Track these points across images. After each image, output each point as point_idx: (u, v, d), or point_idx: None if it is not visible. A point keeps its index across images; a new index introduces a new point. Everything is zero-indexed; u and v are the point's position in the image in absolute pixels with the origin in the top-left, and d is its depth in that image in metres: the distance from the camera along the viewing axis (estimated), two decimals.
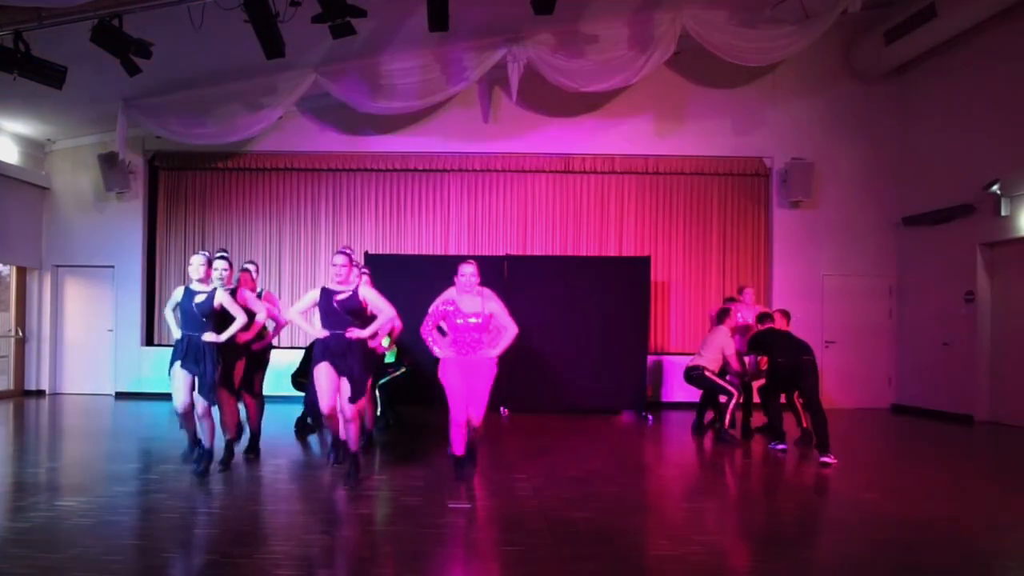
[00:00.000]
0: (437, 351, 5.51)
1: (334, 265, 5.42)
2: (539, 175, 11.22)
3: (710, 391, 8.06)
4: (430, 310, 5.55)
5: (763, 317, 7.66)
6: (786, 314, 7.79)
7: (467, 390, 5.41)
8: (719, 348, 7.87)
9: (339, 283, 5.41)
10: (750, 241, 11.19)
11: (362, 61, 9.64)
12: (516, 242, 11.15)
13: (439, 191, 11.23)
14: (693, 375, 8.00)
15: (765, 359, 7.60)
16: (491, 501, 5.15)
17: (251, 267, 6.89)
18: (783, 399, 7.89)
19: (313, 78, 9.59)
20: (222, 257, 6.02)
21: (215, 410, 5.87)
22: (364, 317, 5.48)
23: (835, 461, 6.56)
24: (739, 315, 8.28)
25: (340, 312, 5.35)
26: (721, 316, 8.14)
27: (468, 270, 5.45)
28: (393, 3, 8.20)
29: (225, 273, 5.93)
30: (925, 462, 7.09)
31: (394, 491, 5.38)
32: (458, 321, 5.39)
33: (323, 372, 5.38)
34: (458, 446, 5.55)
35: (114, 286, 11.18)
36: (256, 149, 11.03)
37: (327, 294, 5.41)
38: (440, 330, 5.68)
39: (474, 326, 5.39)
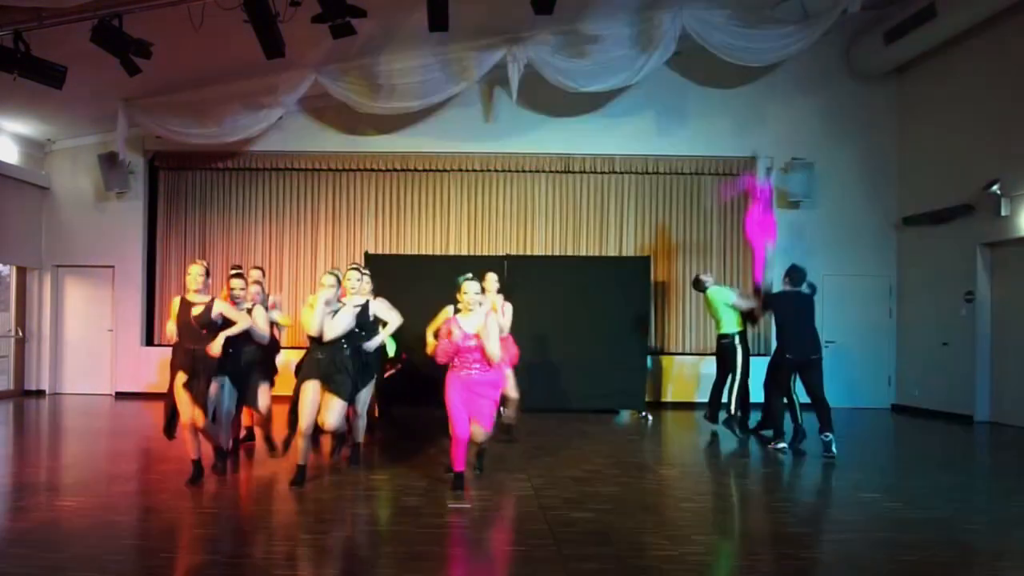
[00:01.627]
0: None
1: (322, 287, 5.36)
2: (539, 175, 11.22)
3: (726, 362, 7.90)
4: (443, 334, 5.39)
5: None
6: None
7: (472, 405, 5.28)
8: (725, 307, 7.82)
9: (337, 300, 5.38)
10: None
11: (362, 61, 9.64)
12: (516, 242, 11.14)
13: (439, 191, 11.23)
14: (723, 343, 7.90)
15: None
16: (491, 501, 5.15)
17: (257, 273, 6.83)
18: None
19: (313, 78, 9.59)
20: (237, 275, 5.97)
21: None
22: (369, 328, 5.46)
23: (833, 454, 6.59)
24: None
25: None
26: (698, 283, 8.18)
27: (472, 289, 5.29)
28: (393, 3, 8.20)
29: (242, 292, 5.89)
30: (925, 462, 7.09)
31: (394, 491, 5.37)
32: (458, 338, 5.25)
33: (310, 390, 5.34)
34: (459, 463, 5.39)
35: (114, 286, 11.18)
36: (256, 149, 11.02)
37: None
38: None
39: (471, 347, 5.24)
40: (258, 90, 9.74)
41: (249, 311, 5.82)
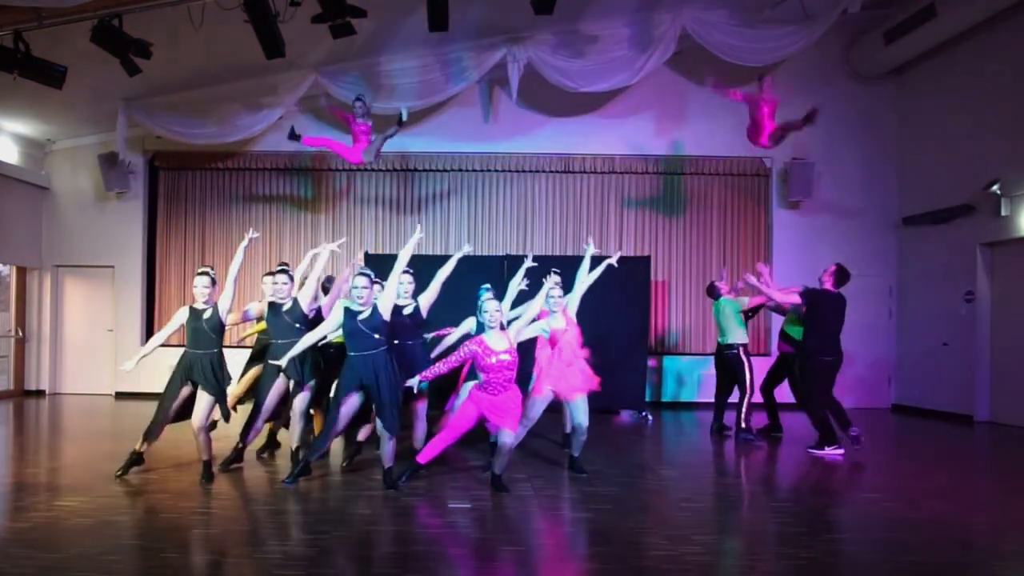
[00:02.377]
0: (418, 379, 5.27)
1: (355, 288, 5.33)
2: (539, 175, 11.22)
3: (733, 377, 7.91)
4: (454, 354, 5.33)
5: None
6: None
7: (497, 409, 5.27)
8: (734, 317, 7.82)
9: (361, 304, 5.34)
10: (750, 241, 11.19)
11: (362, 61, 9.65)
12: (516, 242, 11.14)
13: (439, 191, 11.23)
14: (728, 354, 7.88)
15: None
16: (491, 501, 5.15)
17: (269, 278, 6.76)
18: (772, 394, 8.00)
19: (313, 78, 9.60)
20: (283, 271, 5.98)
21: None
22: (387, 333, 5.46)
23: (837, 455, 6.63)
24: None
25: (366, 332, 5.30)
26: (712, 290, 8.12)
27: (493, 307, 5.33)
28: (393, 3, 8.20)
29: (285, 288, 5.91)
30: (925, 462, 7.09)
31: (394, 491, 5.37)
32: (490, 360, 5.21)
33: (350, 405, 5.35)
34: (427, 455, 5.46)
35: (114, 286, 11.19)
36: (256, 149, 11.03)
37: (351, 315, 5.35)
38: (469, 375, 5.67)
39: (507, 363, 5.23)
40: (258, 90, 9.74)
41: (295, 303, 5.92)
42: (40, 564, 3.74)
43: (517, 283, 6.68)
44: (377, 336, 5.31)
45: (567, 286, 6.36)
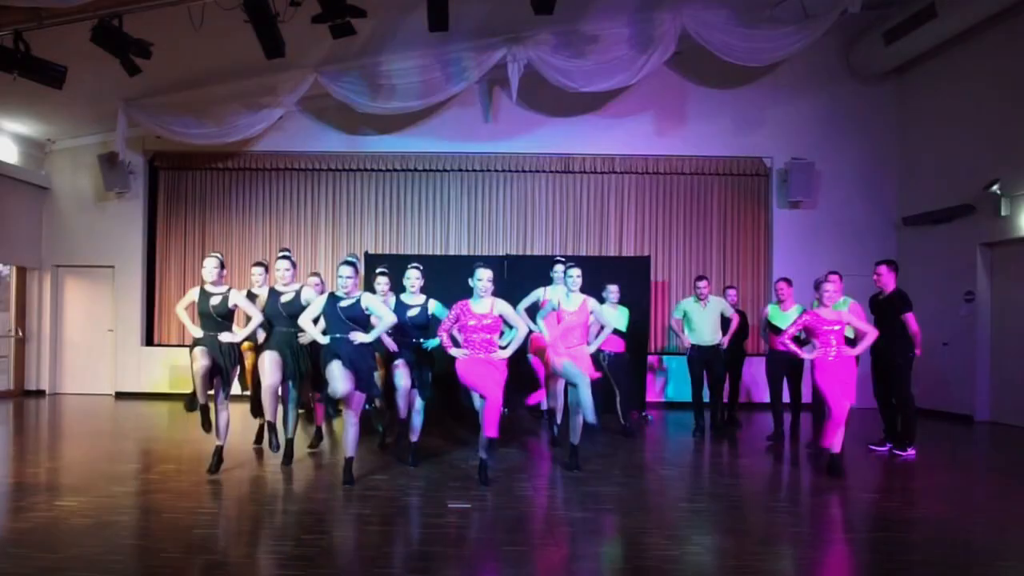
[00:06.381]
0: (454, 351, 5.59)
1: (340, 276, 5.40)
2: (539, 175, 11.23)
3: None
4: (445, 318, 5.71)
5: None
6: None
7: (479, 380, 5.47)
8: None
9: (345, 293, 5.42)
10: (750, 241, 11.20)
11: (362, 61, 9.65)
12: (516, 242, 11.15)
13: (439, 191, 11.24)
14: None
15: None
16: (491, 501, 5.15)
17: (258, 269, 6.81)
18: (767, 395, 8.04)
19: (313, 78, 9.60)
20: (284, 257, 6.02)
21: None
22: (366, 324, 5.49)
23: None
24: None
25: (345, 319, 5.37)
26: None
27: (485, 275, 5.55)
28: (393, 3, 8.21)
29: (288, 274, 5.96)
30: (925, 462, 7.09)
31: (394, 491, 5.38)
32: (469, 323, 5.50)
33: (336, 366, 5.33)
34: (492, 428, 5.42)
35: (114, 286, 11.19)
36: (256, 149, 11.04)
37: (333, 300, 5.43)
38: (454, 341, 5.78)
39: (484, 327, 5.49)
40: (258, 90, 9.75)
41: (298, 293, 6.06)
42: (40, 564, 3.74)
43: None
44: (355, 325, 5.39)
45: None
